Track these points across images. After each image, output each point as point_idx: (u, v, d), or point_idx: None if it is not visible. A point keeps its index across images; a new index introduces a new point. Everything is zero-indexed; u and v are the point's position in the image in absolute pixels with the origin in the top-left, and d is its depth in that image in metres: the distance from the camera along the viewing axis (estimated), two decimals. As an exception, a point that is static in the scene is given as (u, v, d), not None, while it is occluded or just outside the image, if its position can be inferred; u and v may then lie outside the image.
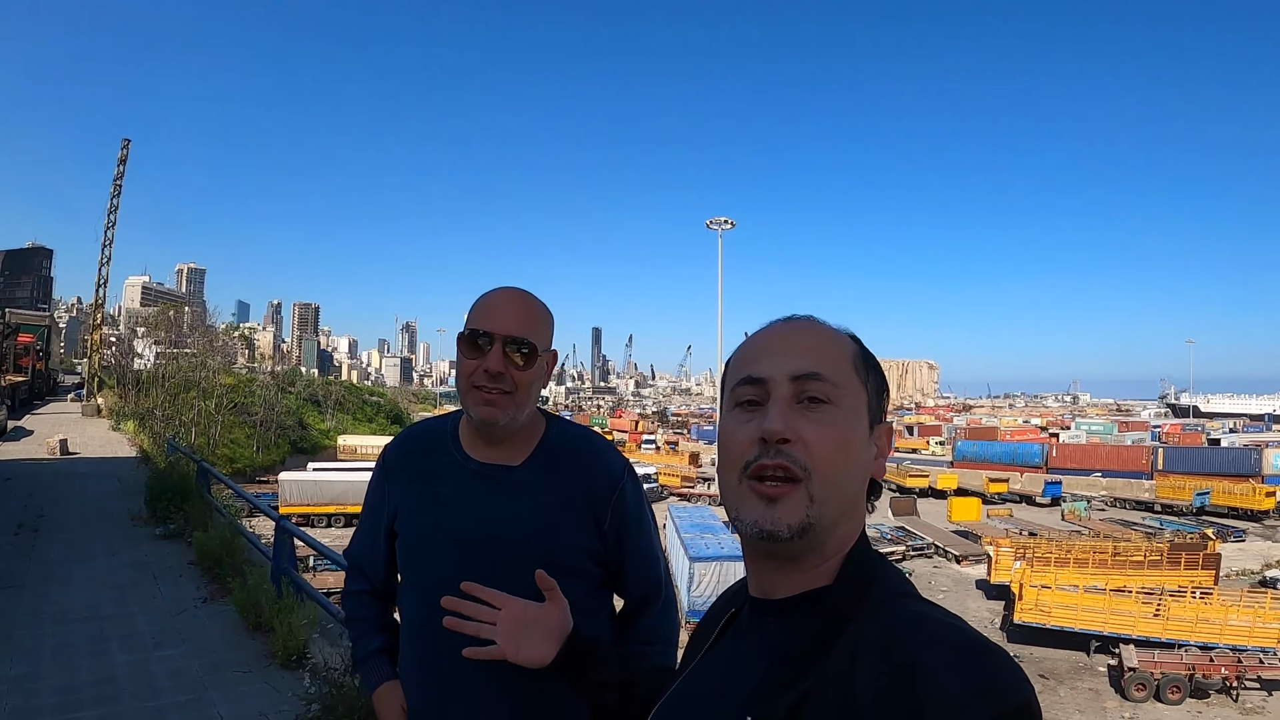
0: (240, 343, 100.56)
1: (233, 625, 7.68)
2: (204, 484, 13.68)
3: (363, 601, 2.37)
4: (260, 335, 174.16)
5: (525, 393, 2.10)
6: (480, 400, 2.07)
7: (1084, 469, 76.54)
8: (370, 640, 2.30)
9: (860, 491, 1.18)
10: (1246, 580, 41.72)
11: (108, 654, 6.97)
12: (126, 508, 13.99)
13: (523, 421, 2.16)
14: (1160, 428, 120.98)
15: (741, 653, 1.18)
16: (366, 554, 2.32)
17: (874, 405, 1.20)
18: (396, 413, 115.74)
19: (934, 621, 1.00)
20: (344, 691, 5.18)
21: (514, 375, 2.06)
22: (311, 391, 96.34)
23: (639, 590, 2.29)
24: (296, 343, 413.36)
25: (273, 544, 8.57)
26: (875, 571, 1.13)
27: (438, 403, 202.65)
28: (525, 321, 2.09)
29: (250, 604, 7.52)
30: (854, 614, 1.05)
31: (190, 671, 6.56)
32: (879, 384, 1.22)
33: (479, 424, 2.11)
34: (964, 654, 0.94)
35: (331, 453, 76.88)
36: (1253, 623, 30.27)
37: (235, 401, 66.97)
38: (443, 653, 2.04)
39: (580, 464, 2.21)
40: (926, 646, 0.94)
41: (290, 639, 6.61)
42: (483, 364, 2.05)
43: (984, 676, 0.91)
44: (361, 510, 2.38)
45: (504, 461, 2.17)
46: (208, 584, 9.11)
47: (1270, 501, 61.81)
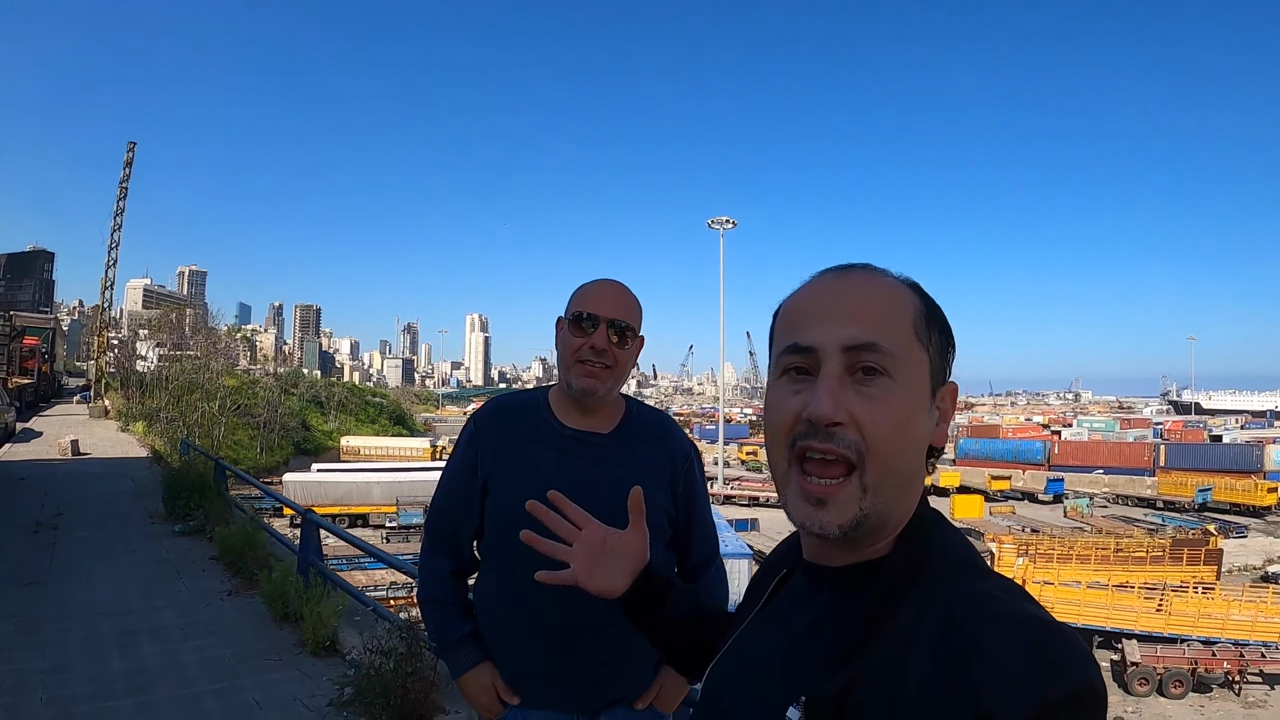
0: (242, 344, 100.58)
1: (260, 616, 7.83)
2: (222, 481, 13.84)
3: (448, 585, 2.52)
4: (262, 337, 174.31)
5: (622, 369, 2.36)
6: (584, 373, 2.31)
7: (1086, 466, 76.58)
8: (459, 625, 2.46)
9: (919, 464, 1.09)
10: (1248, 576, 41.99)
11: (137, 646, 7.10)
12: (143, 506, 14.13)
13: (613, 396, 2.41)
14: (1162, 425, 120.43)
15: (795, 622, 1.13)
16: (460, 517, 2.46)
17: (937, 367, 1.09)
18: (399, 414, 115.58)
19: (995, 599, 0.95)
20: (379, 673, 5.32)
21: (614, 353, 2.33)
22: (314, 393, 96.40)
23: (701, 552, 2.57)
24: (298, 344, 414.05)
25: (298, 538, 8.73)
26: (934, 541, 1.07)
27: (440, 404, 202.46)
28: (625, 307, 2.35)
29: (278, 595, 7.67)
30: (910, 589, 1.00)
31: (221, 661, 6.69)
32: (944, 342, 1.11)
33: (579, 394, 2.34)
34: (1027, 632, 0.90)
35: (335, 454, 76.94)
36: (1254, 617, 30.44)
37: (238, 403, 67.08)
38: (541, 608, 2.28)
39: (659, 437, 2.49)
40: (987, 625, 0.90)
41: (320, 627, 6.77)
42: (589, 341, 2.30)
43: (1047, 656, 0.87)
44: (443, 477, 2.53)
45: (596, 429, 2.41)
46: (231, 578, 9.26)
47: (1272, 498, 61.95)
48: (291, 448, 76.04)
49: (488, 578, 2.44)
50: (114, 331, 65.42)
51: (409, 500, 50.76)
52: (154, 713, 5.76)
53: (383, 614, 7.17)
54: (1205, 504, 63.26)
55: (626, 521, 2.24)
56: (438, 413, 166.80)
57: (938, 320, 1.11)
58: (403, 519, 49.98)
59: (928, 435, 1.08)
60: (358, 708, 5.47)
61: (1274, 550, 48.75)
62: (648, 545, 1.70)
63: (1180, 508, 63.22)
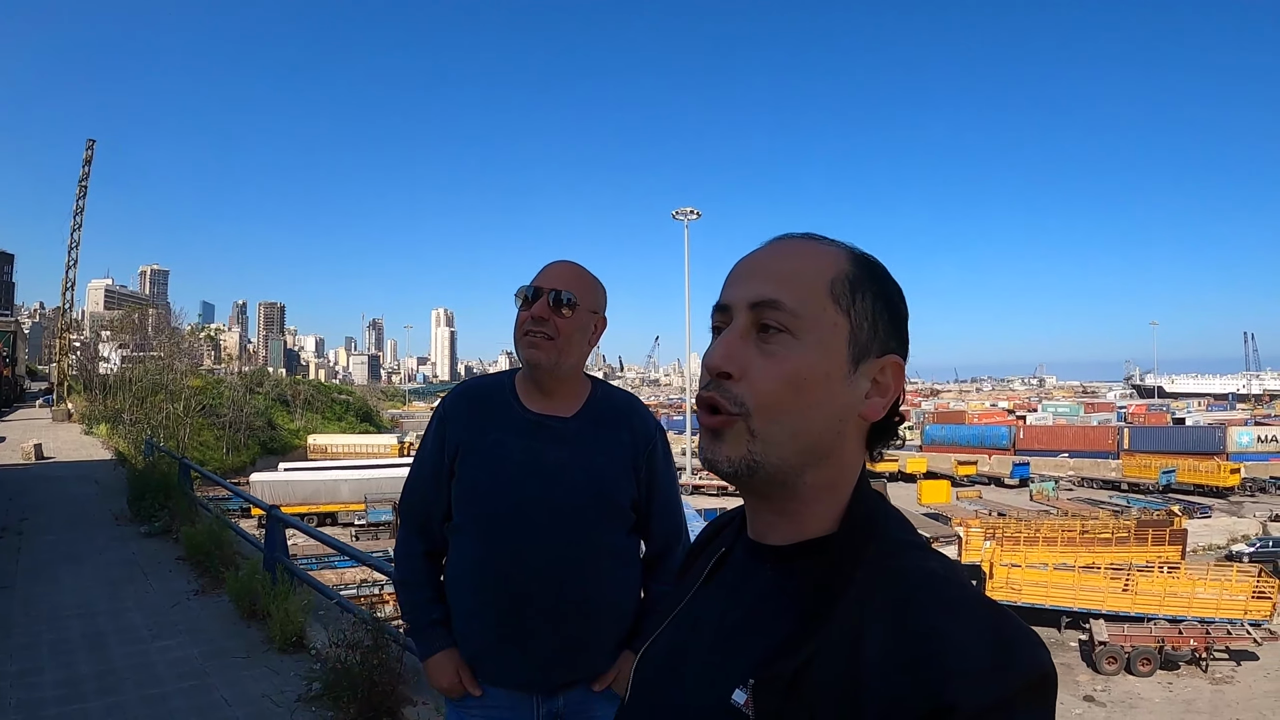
0: (206, 344, 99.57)
1: (228, 615, 7.81)
2: (186, 481, 13.75)
3: (422, 565, 2.57)
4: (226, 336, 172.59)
5: (567, 340, 2.37)
6: (527, 344, 2.34)
7: (1051, 450, 77.47)
8: (431, 610, 2.51)
9: (834, 433, 1.06)
10: (1213, 555, 42.62)
11: (106, 647, 7.04)
12: (109, 508, 13.96)
13: (569, 373, 2.44)
14: (1125, 408, 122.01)
15: (737, 602, 1.12)
16: (429, 499, 2.51)
17: (864, 336, 1.06)
18: (366, 411, 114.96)
19: (945, 582, 0.96)
20: (346, 667, 5.33)
21: (556, 322, 2.34)
22: (279, 391, 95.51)
23: (664, 536, 2.60)
24: (263, 342, 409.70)
25: (264, 535, 8.71)
26: (878, 520, 1.06)
27: (406, 400, 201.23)
28: (568, 279, 2.39)
29: (245, 593, 7.66)
30: (857, 567, 0.99)
31: (190, 660, 6.67)
32: (879, 310, 1.08)
33: (526, 366, 2.39)
34: (982, 622, 0.90)
35: (302, 453, 76.51)
36: (1219, 595, 31.05)
37: (203, 403, 66.36)
38: (502, 584, 2.35)
39: (622, 419, 2.52)
40: (942, 613, 0.91)
41: (287, 624, 6.76)
42: (530, 312, 2.33)
43: (1004, 644, 0.88)
44: (414, 460, 2.59)
45: (558, 413, 2.44)
46: (198, 577, 9.20)
47: (1235, 478, 63.17)
48: (258, 447, 75.53)
49: (454, 557, 2.48)
50: (76, 333, 64.50)
51: (377, 497, 50.74)
52: (124, 713, 5.73)
53: (348, 607, 7.18)
54: (1169, 485, 64.29)
55: (587, 504, 2.36)
56: (405, 409, 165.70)
57: (871, 288, 1.08)
58: (371, 516, 50.00)
59: (842, 403, 1.05)
60: (326, 702, 5.49)
61: (1237, 530, 49.63)
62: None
63: (1145, 489, 64.23)
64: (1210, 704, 27.11)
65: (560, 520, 2.34)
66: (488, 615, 2.38)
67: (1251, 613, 30.90)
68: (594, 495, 2.39)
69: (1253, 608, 31.00)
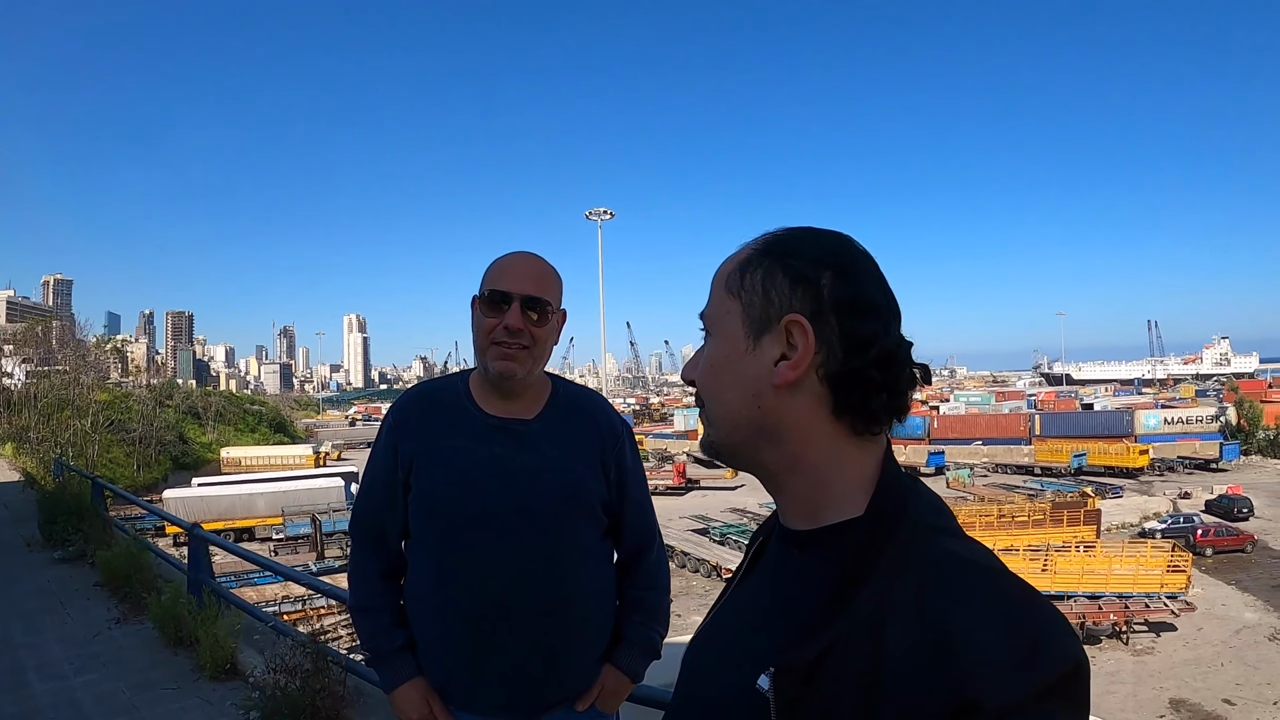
0: (113, 356, 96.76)
1: (152, 643, 7.48)
2: (100, 502, 13.25)
3: (379, 588, 2.40)
4: (133, 347, 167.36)
5: (541, 348, 2.24)
6: (499, 355, 2.20)
7: (965, 438, 79.63)
8: (393, 635, 2.33)
9: (754, 407, 1.10)
10: (1127, 533, 44.34)
11: (27, 685, 6.72)
12: (19, 534, 13.31)
13: (535, 377, 2.30)
14: (1035, 396, 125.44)
15: (766, 590, 1.15)
16: (383, 514, 2.35)
17: (756, 311, 1.10)
18: (279, 421, 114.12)
19: (971, 569, 0.94)
20: (286, 694, 5.13)
21: (531, 331, 2.20)
22: (190, 404, 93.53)
23: (636, 538, 2.47)
24: (171, 353, 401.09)
25: (185, 556, 8.41)
26: (908, 503, 1.04)
27: (320, 408, 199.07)
28: (540, 282, 2.24)
29: (169, 619, 7.33)
30: (881, 553, 0.97)
31: (117, 695, 6.38)
32: (768, 280, 1.10)
33: (496, 377, 2.24)
34: (1005, 613, 0.88)
35: (215, 467, 75.12)
36: (1136, 571, 32.41)
37: (112, 419, 64.34)
38: (470, 599, 2.20)
39: (588, 418, 2.38)
40: (963, 606, 0.89)
41: (217, 650, 6.49)
42: (502, 321, 2.18)
43: (1030, 637, 0.86)
44: (364, 474, 2.43)
45: (519, 415, 2.30)
46: (118, 604, 8.81)
47: (1144, 459, 65.77)
48: (170, 462, 73.32)
49: (414, 576, 2.34)
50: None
51: (295, 510, 50.09)
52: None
53: (284, 630, 6.94)
54: (1081, 468, 66.75)
55: (551, 510, 2.22)
56: (319, 418, 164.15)
57: (763, 264, 1.11)
58: (289, 530, 49.22)
59: (749, 376, 1.10)
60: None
61: (1149, 508, 51.69)
62: None
63: (1057, 473, 66.48)
64: (1133, 675, 28.36)
65: (528, 528, 2.21)
66: (456, 637, 2.23)
67: (1167, 586, 32.31)
68: (563, 499, 2.26)
69: (1168, 581, 32.42)
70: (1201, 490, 56.15)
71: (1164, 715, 25.64)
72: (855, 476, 1.08)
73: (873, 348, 1.04)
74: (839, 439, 1.08)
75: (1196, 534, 43.22)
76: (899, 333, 1.09)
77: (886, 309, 1.08)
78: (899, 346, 1.07)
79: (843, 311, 1.05)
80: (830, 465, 1.08)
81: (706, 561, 40.78)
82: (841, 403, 1.06)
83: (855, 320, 1.05)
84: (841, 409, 1.06)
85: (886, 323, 1.07)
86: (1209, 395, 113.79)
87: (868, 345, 1.04)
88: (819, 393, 1.06)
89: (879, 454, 1.10)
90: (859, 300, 1.06)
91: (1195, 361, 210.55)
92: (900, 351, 1.07)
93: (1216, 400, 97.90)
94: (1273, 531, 46.47)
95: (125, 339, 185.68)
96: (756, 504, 56.23)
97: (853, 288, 1.07)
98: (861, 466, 1.08)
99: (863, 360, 1.04)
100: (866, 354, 1.04)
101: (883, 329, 1.06)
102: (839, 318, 1.05)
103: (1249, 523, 47.30)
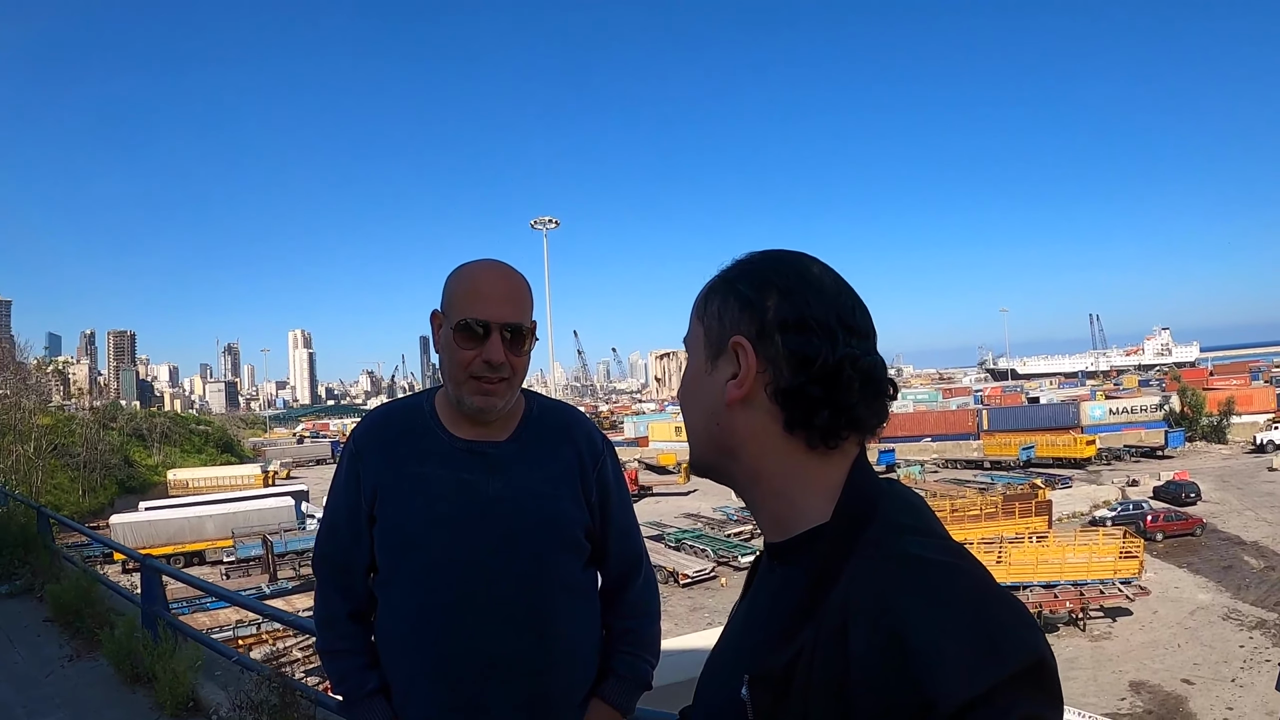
0: (55, 378, 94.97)
1: (108, 680, 7.19)
2: (47, 532, 12.85)
3: (347, 630, 2.21)
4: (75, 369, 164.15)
5: (521, 376, 2.09)
6: (478, 390, 2.03)
7: (914, 435, 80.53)
8: (364, 679, 2.14)
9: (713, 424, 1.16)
10: (1078, 522, 45.12)
11: (-24, 730, 6.44)
12: (-38, 568, 12.97)
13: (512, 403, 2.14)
14: (982, 391, 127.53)
15: (755, 601, 1.20)
16: (349, 550, 2.17)
17: (714, 335, 1.16)
18: (226, 441, 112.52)
19: (926, 568, 0.94)
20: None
21: (512, 361, 2.03)
22: (135, 425, 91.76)
23: (621, 564, 2.30)
24: (114, 374, 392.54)
25: (137, 586, 8.15)
26: (880, 504, 1.06)
27: (268, 427, 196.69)
28: (519, 304, 2.07)
29: (124, 654, 7.06)
30: (848, 557, 0.99)
31: (73, 736, 6.11)
32: (724, 306, 1.16)
33: (475, 412, 2.06)
34: (966, 609, 0.88)
35: (163, 489, 73.47)
36: (1089, 559, 33.06)
37: (55, 443, 63.10)
38: (444, 648, 2.03)
39: (564, 437, 2.20)
40: (918, 606, 0.89)
41: (176, 686, 6.24)
42: (481, 354, 2.00)
43: (986, 634, 0.86)
44: (326, 506, 2.24)
45: (490, 437, 2.12)
46: (70, 640, 8.49)
47: (1091, 449, 67.19)
48: (116, 487, 71.79)
49: (384, 615, 2.14)
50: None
51: (245, 531, 49.37)
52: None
53: (248, 665, 6.71)
54: (1029, 461, 67.92)
55: (530, 539, 2.06)
56: (266, 436, 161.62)
57: (721, 291, 1.17)
58: (240, 552, 48.43)
59: (707, 394, 1.17)
60: (233, 771, 5.07)
61: (1098, 496, 52.80)
62: None
63: (1007, 466, 67.54)
64: (1092, 660, 28.94)
65: (506, 560, 2.02)
66: (431, 679, 2.04)
67: (1121, 571, 32.92)
68: (543, 527, 2.07)
69: (1121, 567, 33.06)
70: (1149, 477, 57.25)
71: (1125, 698, 25.97)
72: (817, 488, 1.10)
73: (814, 365, 1.07)
74: (795, 453, 1.11)
75: (1146, 520, 43.89)
76: (857, 349, 1.09)
77: (837, 326, 1.09)
78: (848, 362, 1.08)
79: (787, 331, 1.09)
80: (789, 478, 1.12)
81: (663, 568, 40.54)
82: (790, 418, 1.10)
83: (798, 339, 1.08)
84: (791, 424, 1.10)
85: (833, 340, 1.08)
86: (1152, 385, 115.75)
87: (810, 362, 1.07)
88: (770, 410, 1.11)
89: (845, 465, 1.12)
90: (802, 319, 1.09)
91: (1137, 352, 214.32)
92: (847, 367, 1.08)
93: (1159, 389, 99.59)
94: (1220, 515, 47.39)
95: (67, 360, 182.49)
96: (709, 508, 56.59)
97: (797, 308, 1.10)
98: (823, 479, 1.10)
99: (805, 377, 1.08)
100: (808, 371, 1.08)
101: (828, 346, 1.07)
102: (783, 337, 1.09)
103: (1197, 507, 48.14)
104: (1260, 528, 44.51)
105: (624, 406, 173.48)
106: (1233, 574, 37.56)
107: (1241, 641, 29.90)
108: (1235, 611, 32.83)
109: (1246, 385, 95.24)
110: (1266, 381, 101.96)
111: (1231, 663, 27.99)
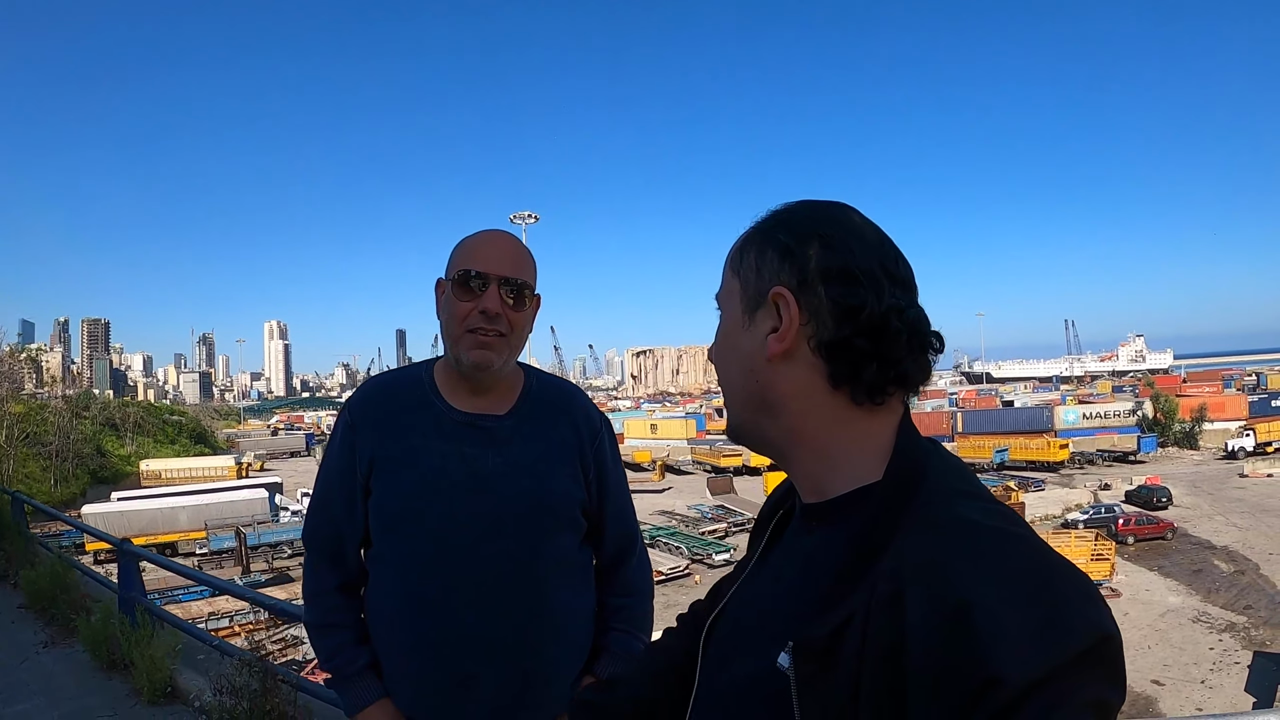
0: (27, 366, 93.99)
1: (85, 667, 7.12)
2: (20, 518, 12.72)
3: (336, 603, 2.17)
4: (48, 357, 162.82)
5: (518, 335, 2.06)
6: (475, 343, 1.99)
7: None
8: (355, 654, 2.12)
9: (753, 381, 1.12)
10: (1050, 524, 45.38)
11: (-50, 717, 6.36)
12: (-65, 555, 12.83)
13: (509, 369, 2.11)
14: (957, 394, 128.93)
15: (787, 565, 1.13)
16: (342, 522, 2.13)
17: (751, 288, 1.12)
18: (199, 432, 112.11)
19: (989, 535, 0.88)
20: (233, 717, 4.93)
21: (509, 316, 2.01)
22: (108, 415, 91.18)
23: (616, 542, 2.28)
24: (87, 363, 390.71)
25: (113, 574, 8.08)
26: (927, 466, 1.01)
27: (242, 418, 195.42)
28: (519, 262, 2.05)
29: (101, 640, 7.00)
30: (900, 520, 0.94)
31: (50, 724, 6.06)
32: (761, 257, 1.12)
33: (471, 369, 2.02)
34: (1030, 582, 0.83)
35: (135, 480, 73.28)
36: None
37: (27, 431, 62.52)
38: (437, 624, 2.01)
39: (563, 413, 2.19)
40: (980, 577, 0.83)
41: (154, 672, 6.18)
42: (478, 304, 1.98)
43: (1050, 608, 0.81)
44: (319, 478, 2.20)
45: (490, 410, 2.10)
46: (45, 627, 8.41)
47: (1065, 453, 67.90)
48: (88, 476, 71.41)
49: (375, 591, 2.11)
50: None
51: (218, 523, 49.29)
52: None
53: (228, 650, 6.66)
54: (1003, 463, 68.50)
55: (527, 514, 2.03)
56: (240, 428, 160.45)
57: (756, 242, 1.14)
58: (214, 544, 48.34)
59: (745, 351, 1.12)
60: (213, 757, 5.03)
61: (1071, 499, 53.19)
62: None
63: (980, 469, 67.61)
64: None
65: (502, 536, 2.00)
66: (423, 656, 2.02)
67: (1092, 574, 32.91)
68: (540, 503, 2.05)
69: (1093, 569, 33.38)
70: (1121, 481, 58.14)
71: (1094, 699, 26.18)
72: (863, 446, 1.06)
73: (860, 316, 1.03)
74: (839, 409, 1.07)
75: (1118, 523, 44.44)
76: (902, 301, 1.06)
77: (883, 276, 1.06)
78: (894, 314, 1.04)
79: (830, 281, 1.05)
80: (832, 436, 1.08)
81: (636, 565, 40.67)
82: (835, 372, 1.05)
83: (843, 289, 1.04)
84: (837, 379, 1.06)
85: (880, 291, 1.04)
86: (1125, 391, 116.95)
87: (855, 314, 1.04)
88: (813, 364, 1.06)
89: (894, 421, 1.08)
90: (847, 269, 1.05)
91: (1112, 359, 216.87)
92: (894, 319, 1.04)
93: (1133, 395, 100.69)
94: (1191, 519, 48.00)
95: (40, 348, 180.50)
96: (684, 506, 56.74)
97: (840, 257, 1.06)
98: (870, 436, 1.07)
99: (851, 329, 1.04)
100: (854, 322, 1.04)
101: (874, 297, 1.04)
102: (827, 287, 1.05)
103: (1168, 511, 48.84)
104: (1230, 532, 45.13)
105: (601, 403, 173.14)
106: (1203, 577, 38.04)
107: (1211, 644, 30.33)
108: (1205, 614, 33.30)
109: (1219, 393, 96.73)
110: (1238, 389, 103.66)
111: (1201, 664, 28.40)
